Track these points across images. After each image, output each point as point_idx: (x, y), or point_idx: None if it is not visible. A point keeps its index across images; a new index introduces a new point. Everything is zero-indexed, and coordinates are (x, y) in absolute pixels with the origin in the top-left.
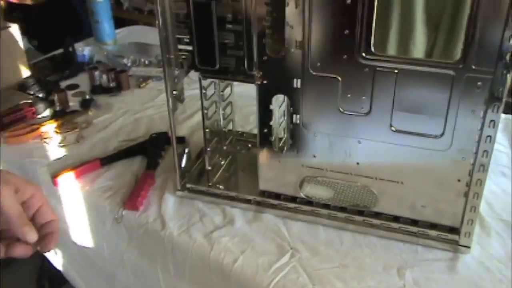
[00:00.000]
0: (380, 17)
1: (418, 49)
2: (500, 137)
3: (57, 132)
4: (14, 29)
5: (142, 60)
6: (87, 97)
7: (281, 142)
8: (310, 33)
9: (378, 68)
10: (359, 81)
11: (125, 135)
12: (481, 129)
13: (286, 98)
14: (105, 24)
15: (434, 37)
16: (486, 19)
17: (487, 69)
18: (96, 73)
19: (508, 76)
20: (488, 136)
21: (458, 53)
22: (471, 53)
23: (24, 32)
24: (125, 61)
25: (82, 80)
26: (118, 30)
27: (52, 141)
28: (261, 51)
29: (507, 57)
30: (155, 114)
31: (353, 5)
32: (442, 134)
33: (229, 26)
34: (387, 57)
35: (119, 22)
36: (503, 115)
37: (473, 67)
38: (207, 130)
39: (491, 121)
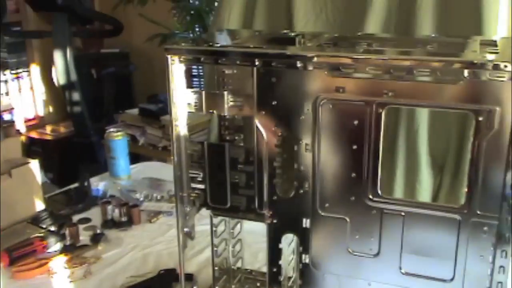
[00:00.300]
0: (387, 160)
1: (425, 190)
2: None
3: (65, 267)
4: (34, 164)
5: (154, 195)
6: (98, 231)
7: (290, 281)
8: (319, 175)
9: (385, 211)
10: (367, 223)
11: (133, 271)
12: (491, 274)
13: (295, 237)
14: (121, 160)
15: (439, 179)
16: (487, 164)
17: (492, 214)
18: (109, 207)
19: None
20: (499, 282)
21: (463, 197)
22: (475, 198)
23: (41, 166)
24: (137, 195)
25: (95, 214)
26: (132, 166)
27: (60, 276)
28: (271, 191)
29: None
30: (164, 250)
31: (359, 150)
32: (452, 279)
33: (240, 166)
34: (394, 199)
35: (134, 157)
36: None
37: (478, 212)
38: (216, 268)
39: (501, 266)
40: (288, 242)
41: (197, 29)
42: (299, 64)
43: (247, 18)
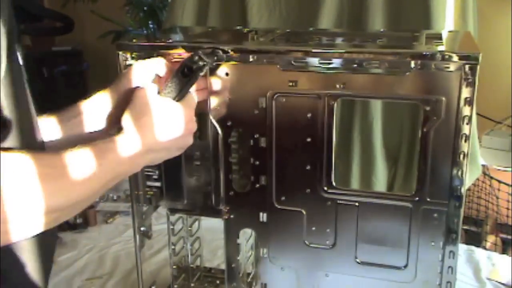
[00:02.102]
0: (344, 153)
1: (380, 182)
2: (464, 268)
3: None
4: None
5: (111, 195)
6: None
7: (249, 277)
8: (274, 168)
9: (339, 202)
10: (323, 214)
11: (89, 273)
12: (442, 260)
13: (253, 232)
14: None
15: (394, 170)
16: (435, 152)
17: (442, 202)
18: None
19: (461, 208)
20: (449, 267)
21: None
22: (425, 185)
23: None
24: None
25: None
26: None
27: None
28: (228, 186)
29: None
30: (122, 250)
31: (313, 143)
32: (406, 266)
33: (196, 163)
34: (348, 190)
35: None
36: (465, 246)
37: (428, 199)
38: (174, 267)
39: (450, 252)
40: (247, 237)
41: (151, 26)
42: (251, 59)
43: (201, 14)
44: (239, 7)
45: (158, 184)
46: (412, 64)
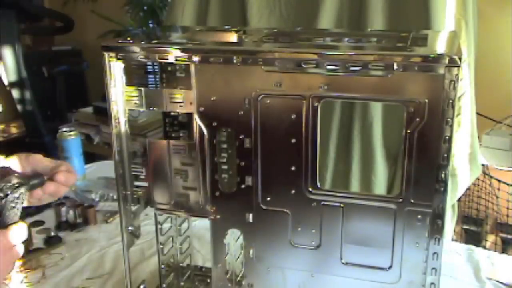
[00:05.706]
0: (343, 152)
1: (380, 182)
2: (464, 268)
3: (19, 272)
4: None
5: (111, 195)
6: (52, 234)
7: (238, 277)
8: (260, 169)
9: (324, 203)
10: (308, 215)
11: (90, 273)
12: (426, 261)
13: (239, 232)
14: (75, 160)
15: (394, 169)
16: (419, 154)
17: (426, 203)
18: (63, 209)
19: (445, 209)
20: (433, 268)
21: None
22: (409, 187)
23: None
24: (93, 196)
25: (48, 216)
26: (87, 165)
27: (13, 282)
28: (214, 186)
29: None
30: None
31: (298, 144)
32: (391, 267)
33: (184, 163)
34: (333, 191)
35: (89, 157)
36: (465, 245)
37: (412, 201)
38: (163, 266)
39: (434, 253)
40: (233, 238)
41: (151, 25)
42: (235, 60)
43: (200, 14)
44: (239, 7)
45: (145, 184)
46: (395, 65)
